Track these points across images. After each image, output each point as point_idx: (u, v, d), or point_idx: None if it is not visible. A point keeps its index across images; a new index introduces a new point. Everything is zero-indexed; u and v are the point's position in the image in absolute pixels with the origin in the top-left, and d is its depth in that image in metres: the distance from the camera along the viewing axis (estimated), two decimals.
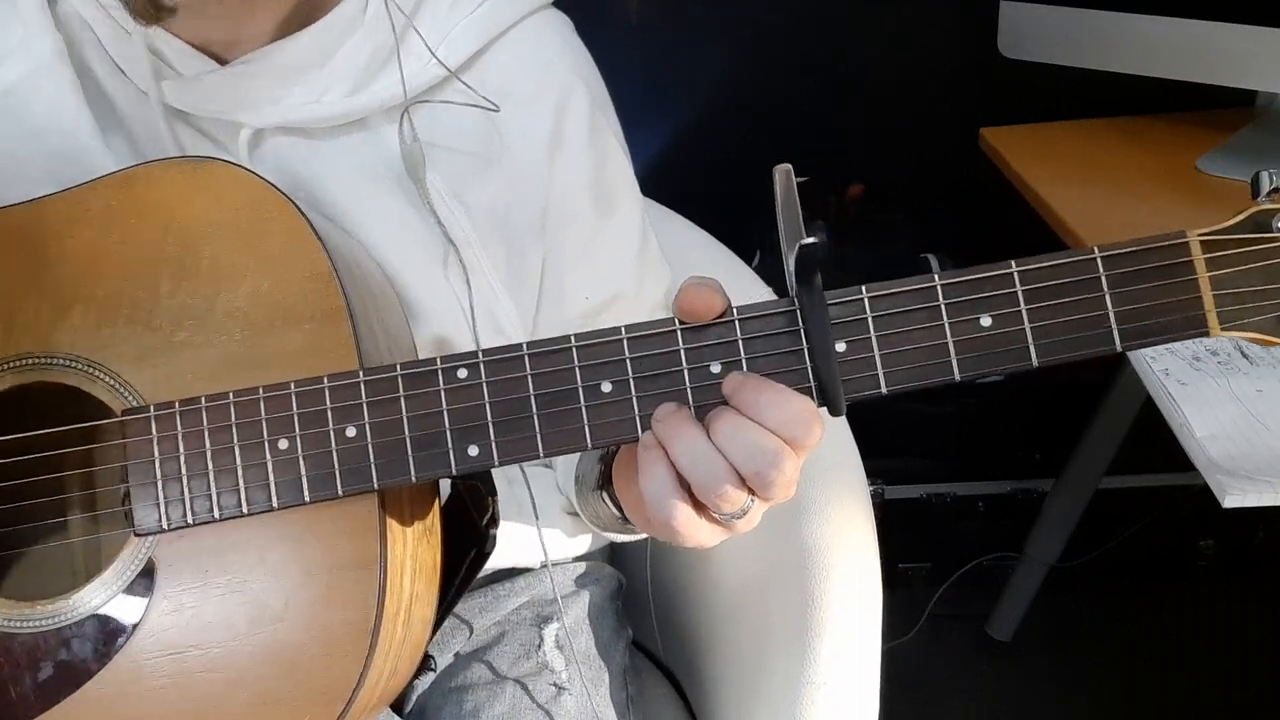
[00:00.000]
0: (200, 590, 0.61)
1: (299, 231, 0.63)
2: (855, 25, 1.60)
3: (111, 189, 0.66)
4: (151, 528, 0.61)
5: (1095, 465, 1.58)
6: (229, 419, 0.60)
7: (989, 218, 1.50)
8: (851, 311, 0.57)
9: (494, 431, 0.58)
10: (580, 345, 0.58)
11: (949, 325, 0.56)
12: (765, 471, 0.54)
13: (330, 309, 0.62)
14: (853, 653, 0.84)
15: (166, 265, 0.64)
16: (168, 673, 0.61)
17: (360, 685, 0.60)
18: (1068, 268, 0.56)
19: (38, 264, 0.65)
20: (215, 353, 0.62)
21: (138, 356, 0.63)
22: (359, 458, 0.59)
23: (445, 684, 0.86)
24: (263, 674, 0.61)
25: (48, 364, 0.64)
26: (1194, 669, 1.65)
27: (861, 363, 0.57)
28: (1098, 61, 1.30)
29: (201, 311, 0.63)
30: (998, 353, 0.56)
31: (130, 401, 0.63)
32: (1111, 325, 0.56)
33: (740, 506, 0.55)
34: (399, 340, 0.69)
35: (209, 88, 0.73)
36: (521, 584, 0.90)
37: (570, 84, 0.79)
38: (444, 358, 0.59)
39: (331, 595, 0.60)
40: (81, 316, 0.64)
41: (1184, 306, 0.56)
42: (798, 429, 0.54)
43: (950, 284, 0.56)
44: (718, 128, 1.64)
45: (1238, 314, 0.56)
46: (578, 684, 0.84)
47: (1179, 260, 0.56)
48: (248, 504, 0.60)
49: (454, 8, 0.76)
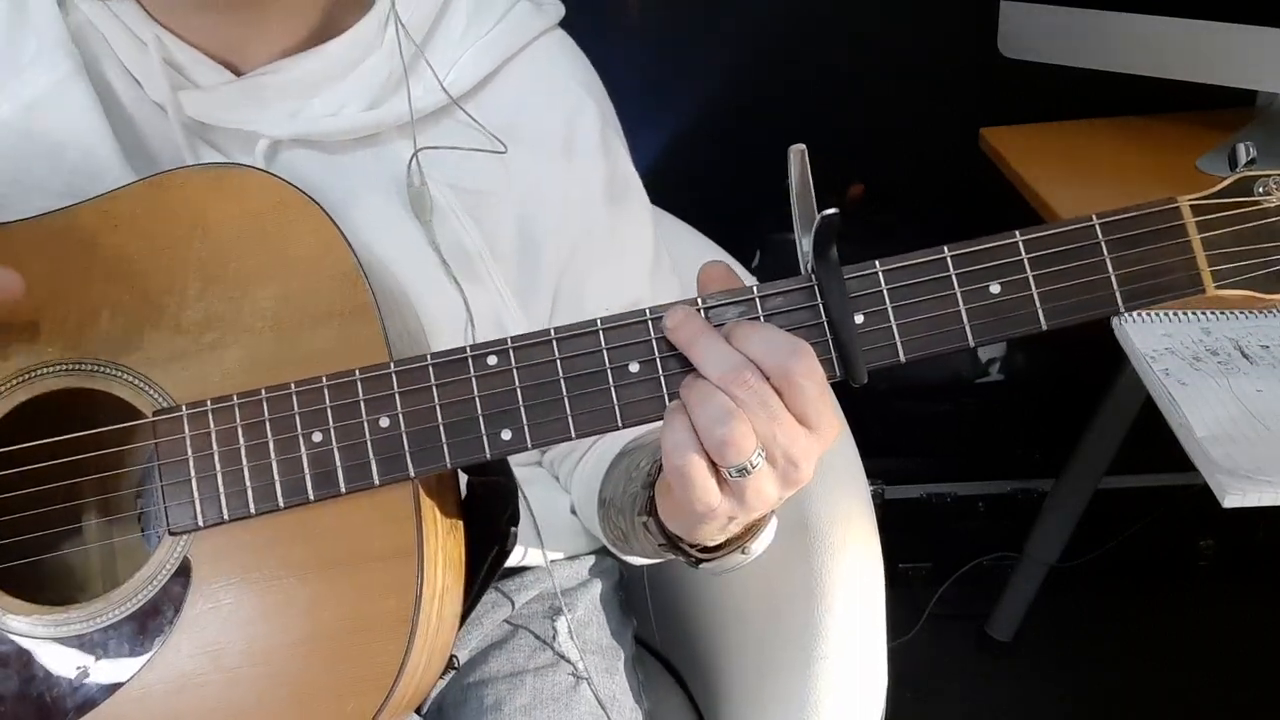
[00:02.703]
0: (238, 586, 0.62)
1: (325, 231, 0.64)
2: (855, 25, 1.60)
3: (137, 196, 0.67)
4: (187, 526, 0.62)
5: (1095, 465, 1.58)
6: (262, 414, 0.61)
7: (989, 218, 1.49)
8: (867, 285, 0.59)
9: (526, 415, 0.60)
10: (606, 328, 0.60)
11: (960, 294, 0.59)
12: (789, 363, 0.56)
13: (358, 305, 0.63)
14: (857, 648, 0.85)
15: (193, 269, 0.65)
16: (206, 670, 0.62)
17: (401, 673, 0.60)
18: (1068, 234, 0.59)
19: (66, 271, 0.66)
20: (244, 353, 0.63)
21: (167, 359, 0.64)
22: (394, 446, 0.60)
23: (462, 680, 0.87)
24: (303, 667, 0.61)
25: (74, 369, 0.65)
26: (1194, 669, 1.65)
27: (880, 333, 0.59)
28: (1098, 61, 1.30)
29: (229, 313, 0.64)
30: (1009, 318, 0.59)
31: (160, 403, 0.63)
32: (1114, 287, 0.59)
33: (748, 457, 0.56)
34: (418, 341, 0.71)
35: (227, 97, 0.73)
36: (530, 579, 0.91)
37: (580, 101, 0.81)
38: (473, 346, 0.60)
39: (371, 584, 0.61)
40: (109, 321, 0.65)
41: (1179, 266, 0.59)
42: (795, 347, 0.57)
43: (959, 255, 0.59)
44: (717, 128, 1.64)
45: (1230, 272, 0.59)
46: (595, 673, 0.86)
47: (1172, 224, 0.59)
48: (284, 497, 0.61)
49: (467, 32, 0.77)
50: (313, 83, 0.74)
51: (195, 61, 0.73)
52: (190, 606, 0.62)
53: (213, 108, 0.74)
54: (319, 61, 0.73)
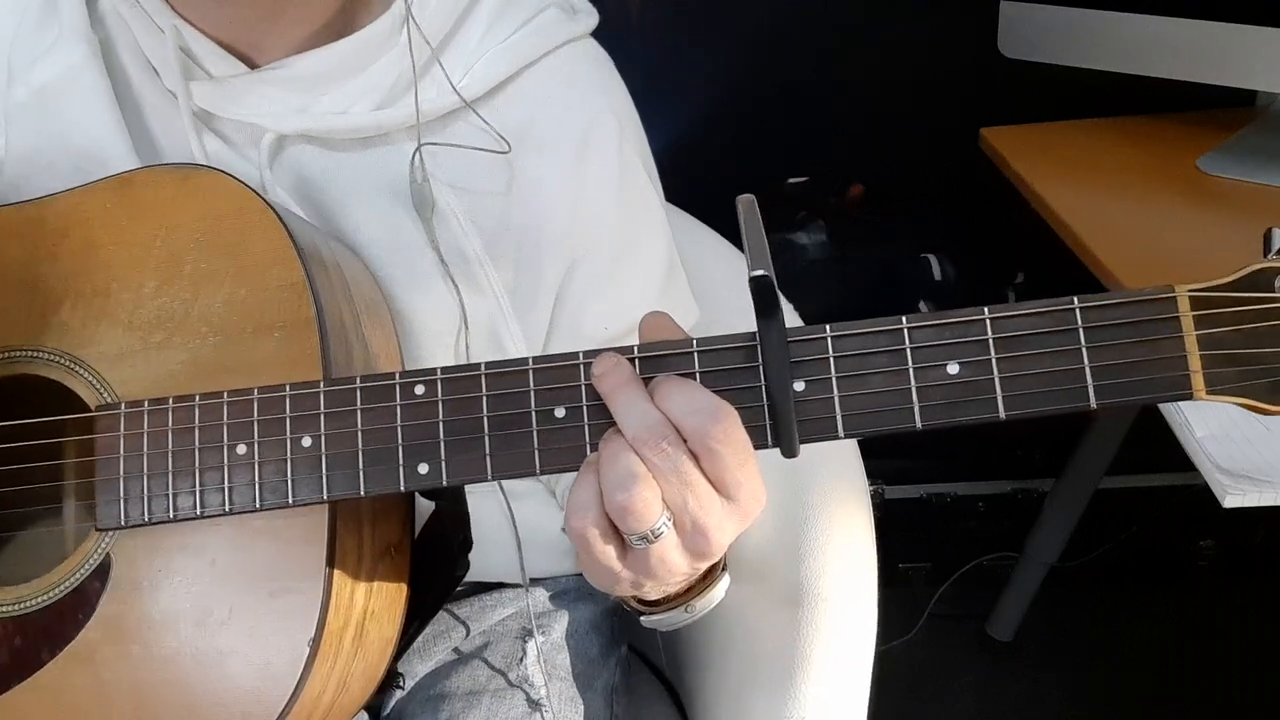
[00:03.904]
0: (151, 590, 0.62)
1: (278, 241, 0.64)
2: (855, 25, 1.60)
3: (110, 190, 0.67)
4: (111, 523, 0.62)
5: (1095, 465, 1.58)
6: (193, 421, 0.61)
7: (989, 218, 1.50)
8: (814, 350, 0.55)
9: (445, 450, 0.57)
10: (537, 368, 0.57)
11: (913, 371, 0.54)
12: (707, 427, 0.52)
13: (301, 319, 0.62)
14: (846, 655, 0.84)
15: (152, 268, 0.65)
16: (114, 669, 0.62)
17: (295, 698, 0.59)
18: (1044, 317, 0.53)
19: (36, 260, 0.67)
20: (188, 356, 0.63)
21: (117, 355, 0.64)
22: (312, 468, 0.59)
23: (425, 691, 0.85)
24: (201, 678, 0.61)
25: (32, 358, 0.66)
26: (1194, 669, 1.65)
27: (819, 404, 0.54)
28: (1098, 61, 1.30)
29: (180, 314, 0.64)
30: (963, 403, 0.54)
31: (106, 398, 0.63)
32: (1087, 381, 0.53)
33: (649, 526, 0.53)
34: (383, 356, 0.69)
35: (238, 90, 0.73)
36: (509, 595, 0.89)
37: (597, 115, 0.78)
38: (404, 373, 0.58)
39: (274, 605, 0.60)
40: (70, 313, 0.65)
41: (1167, 366, 0.52)
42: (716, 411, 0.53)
43: (918, 327, 0.54)
44: (717, 128, 1.63)
45: (1228, 377, 0.52)
46: (554, 702, 0.83)
47: (1165, 316, 0.52)
48: (202, 507, 0.60)
49: (486, 36, 0.76)
50: (323, 80, 0.73)
51: (210, 52, 0.73)
52: (105, 605, 0.62)
53: (222, 99, 0.74)
54: (330, 59, 0.73)
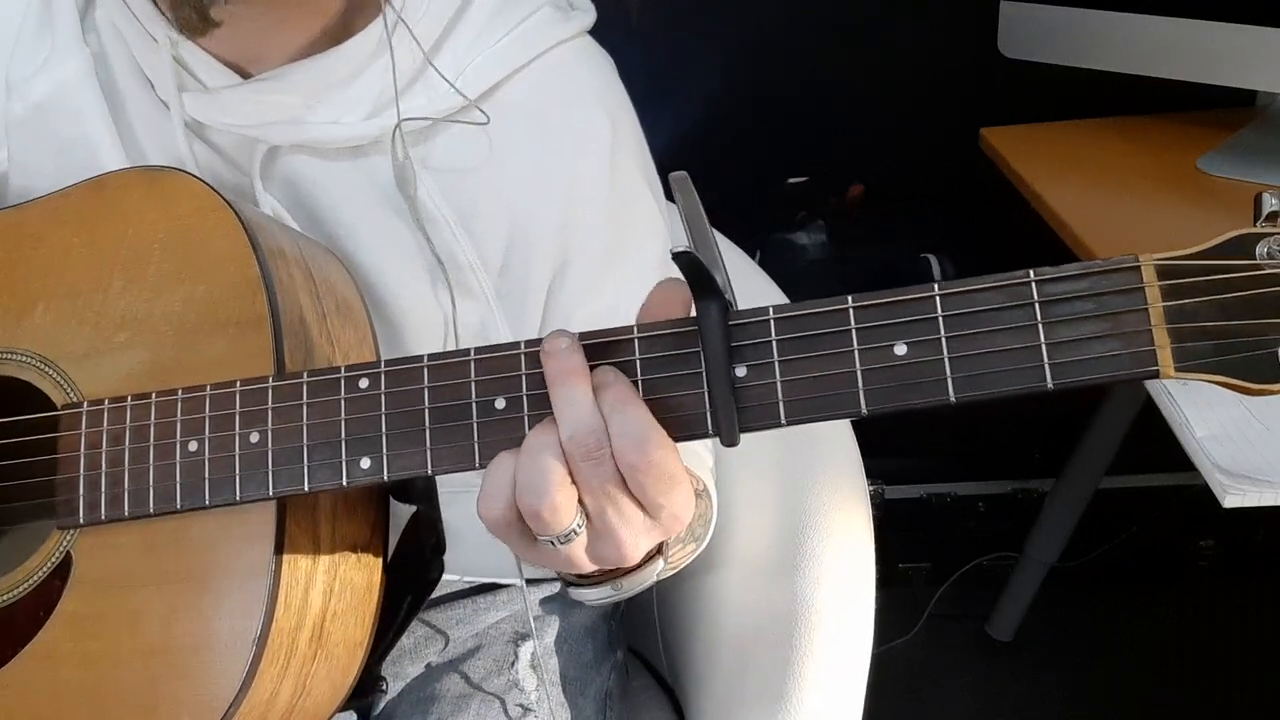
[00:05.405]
0: (108, 588, 0.62)
1: (236, 239, 0.64)
2: (855, 25, 1.60)
3: (84, 193, 0.68)
4: (70, 522, 0.62)
5: (1095, 465, 1.58)
6: (149, 419, 0.61)
7: (989, 218, 1.50)
8: (755, 334, 0.52)
9: (386, 444, 0.56)
10: (479, 359, 0.56)
11: (859, 352, 0.51)
12: (635, 458, 0.51)
13: (254, 316, 0.62)
14: (842, 655, 0.84)
15: (119, 269, 0.66)
16: (74, 666, 0.62)
17: (240, 699, 0.59)
18: (998, 292, 0.50)
19: (12, 262, 0.68)
20: (149, 355, 0.64)
21: (83, 355, 0.65)
22: (258, 464, 0.58)
23: (416, 693, 0.85)
24: (151, 678, 0.61)
25: (6, 359, 0.67)
26: (1194, 669, 1.65)
27: (762, 389, 0.52)
28: (1098, 61, 1.30)
29: (142, 314, 0.65)
30: (911, 384, 0.51)
31: (72, 398, 0.64)
32: (1043, 360, 0.49)
33: (557, 533, 0.52)
34: (355, 356, 0.69)
35: (230, 101, 0.73)
36: (504, 598, 0.89)
37: (591, 118, 0.77)
38: (349, 366, 0.58)
39: (222, 603, 0.60)
40: (43, 314, 0.66)
41: (1131, 341, 0.48)
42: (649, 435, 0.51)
43: (864, 306, 0.51)
44: (717, 128, 1.63)
45: (1199, 352, 0.48)
46: (545, 707, 0.83)
47: (1129, 288, 0.49)
48: (154, 504, 0.60)
49: (479, 38, 0.75)
50: (315, 91, 0.73)
51: (204, 63, 0.73)
52: (65, 602, 0.62)
53: (215, 110, 0.74)
54: (322, 70, 0.73)
